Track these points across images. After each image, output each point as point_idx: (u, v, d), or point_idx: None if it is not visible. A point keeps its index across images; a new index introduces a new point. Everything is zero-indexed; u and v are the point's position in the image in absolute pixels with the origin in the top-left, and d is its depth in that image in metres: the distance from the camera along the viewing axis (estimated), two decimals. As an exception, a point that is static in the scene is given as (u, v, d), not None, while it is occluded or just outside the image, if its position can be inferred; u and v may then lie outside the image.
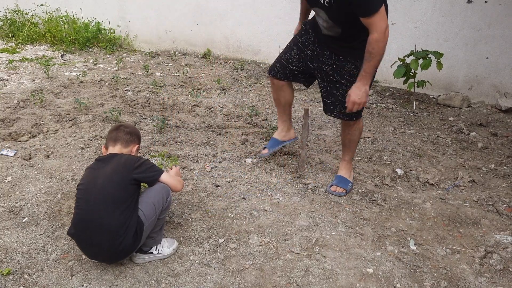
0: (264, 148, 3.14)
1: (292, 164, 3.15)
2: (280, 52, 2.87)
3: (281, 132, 3.11)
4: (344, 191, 2.82)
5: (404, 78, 4.32)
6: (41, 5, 6.68)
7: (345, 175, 2.91)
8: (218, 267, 2.15)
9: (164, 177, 2.15)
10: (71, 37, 6.34)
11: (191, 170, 3.02)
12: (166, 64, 5.67)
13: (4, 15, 6.74)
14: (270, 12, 5.37)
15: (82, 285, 2.01)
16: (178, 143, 3.43)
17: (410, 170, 3.14)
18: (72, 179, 2.85)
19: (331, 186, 2.87)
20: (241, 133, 3.66)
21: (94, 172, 2.09)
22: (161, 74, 5.23)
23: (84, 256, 2.18)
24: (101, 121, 3.74)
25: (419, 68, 4.11)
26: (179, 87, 4.75)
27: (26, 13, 6.72)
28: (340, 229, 2.48)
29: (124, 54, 6.15)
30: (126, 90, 4.55)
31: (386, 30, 2.29)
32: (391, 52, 4.71)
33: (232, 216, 2.54)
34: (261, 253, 2.25)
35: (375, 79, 4.97)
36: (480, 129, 3.94)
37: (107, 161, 2.11)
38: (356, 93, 2.46)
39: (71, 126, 3.65)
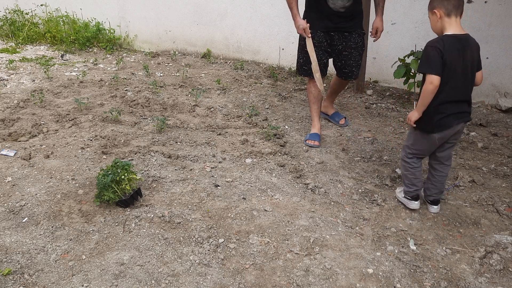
0: (314, 141, 3.53)
1: (292, 164, 3.15)
2: (301, 59, 3.50)
3: (318, 126, 3.66)
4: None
5: (404, 78, 4.32)
6: (41, 5, 6.68)
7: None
8: (218, 267, 2.15)
9: None
10: (71, 37, 6.34)
11: (191, 170, 3.02)
12: (166, 64, 5.67)
13: (4, 15, 6.74)
14: (270, 12, 5.36)
15: (82, 285, 2.01)
16: (178, 143, 3.43)
17: (410, 170, 3.14)
18: (72, 179, 2.85)
19: (339, 120, 3.88)
20: (241, 133, 3.66)
21: None
22: (161, 74, 5.23)
23: (84, 256, 2.18)
24: (101, 121, 3.74)
25: (419, 68, 4.10)
26: (179, 87, 4.75)
27: (26, 13, 6.72)
28: (340, 229, 2.48)
29: (124, 54, 6.15)
30: (126, 90, 4.55)
31: None
32: (391, 52, 4.72)
33: (232, 216, 2.54)
34: (261, 253, 2.25)
35: (375, 79, 5.01)
36: (480, 129, 3.94)
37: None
38: (382, 25, 3.42)
39: (71, 126, 3.65)
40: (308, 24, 3.35)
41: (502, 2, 4.14)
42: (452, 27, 2.40)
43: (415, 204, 2.67)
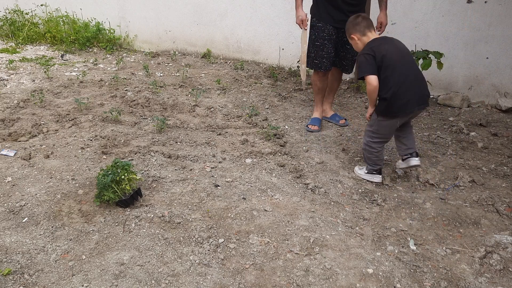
0: (314, 125, 3.78)
1: (292, 164, 3.15)
2: (312, 53, 3.63)
3: (320, 111, 3.92)
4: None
5: (404, 78, 4.32)
6: (41, 5, 6.68)
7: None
8: (218, 267, 2.15)
9: None
10: (71, 37, 6.34)
11: (191, 170, 3.02)
12: (166, 64, 5.67)
13: (4, 15, 6.74)
14: (270, 12, 5.36)
15: (82, 285, 2.01)
16: (178, 143, 3.43)
17: (410, 170, 3.14)
18: (72, 179, 2.85)
19: (339, 120, 3.91)
20: (241, 133, 3.66)
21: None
22: (161, 74, 5.24)
23: (84, 256, 2.18)
24: (101, 121, 3.74)
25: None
26: (179, 87, 4.75)
27: (26, 13, 6.72)
28: (340, 229, 2.48)
29: (124, 54, 6.15)
30: (126, 90, 4.55)
31: None
32: (391, 52, 4.71)
33: (232, 216, 2.54)
34: (261, 253, 2.25)
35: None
36: (480, 129, 3.94)
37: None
38: (386, 19, 3.53)
39: (71, 126, 3.65)
40: (308, 18, 3.52)
41: (502, 2, 4.14)
42: (370, 38, 2.80)
43: (379, 178, 2.96)
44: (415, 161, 2.86)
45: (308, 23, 3.56)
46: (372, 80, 2.66)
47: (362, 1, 3.53)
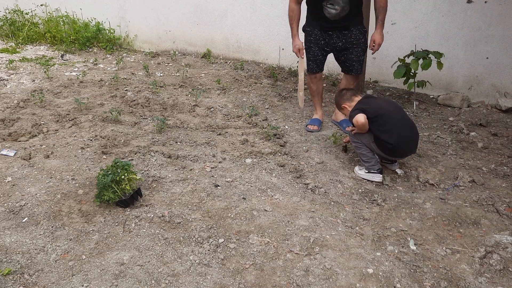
0: (313, 125, 3.78)
1: (292, 164, 3.15)
2: (305, 57, 3.66)
3: (320, 113, 3.91)
4: None
5: (404, 78, 4.32)
6: (41, 5, 6.68)
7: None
8: (218, 267, 2.15)
9: None
10: (71, 37, 6.34)
11: (191, 170, 3.02)
12: (166, 64, 5.67)
13: (4, 15, 6.74)
14: (270, 12, 5.36)
15: (82, 285, 2.01)
16: (178, 143, 3.43)
17: (410, 170, 3.14)
18: (72, 179, 2.85)
19: (346, 127, 3.69)
20: (241, 133, 3.66)
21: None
22: (161, 74, 5.24)
23: (84, 256, 2.18)
24: (101, 121, 3.74)
25: (419, 68, 4.10)
26: (179, 87, 4.75)
27: (26, 13, 6.72)
28: (340, 229, 2.48)
29: (124, 54, 6.15)
30: (126, 90, 4.55)
31: None
32: (391, 52, 4.71)
33: (232, 216, 2.54)
34: (261, 253, 2.25)
35: (375, 79, 5.01)
36: (480, 129, 3.94)
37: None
38: (380, 38, 3.45)
39: (71, 126, 3.65)
40: (305, 47, 3.58)
41: (502, 2, 4.14)
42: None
43: (379, 177, 2.97)
44: (394, 166, 3.15)
45: (305, 52, 3.62)
46: (359, 117, 2.83)
47: (348, 19, 3.39)
